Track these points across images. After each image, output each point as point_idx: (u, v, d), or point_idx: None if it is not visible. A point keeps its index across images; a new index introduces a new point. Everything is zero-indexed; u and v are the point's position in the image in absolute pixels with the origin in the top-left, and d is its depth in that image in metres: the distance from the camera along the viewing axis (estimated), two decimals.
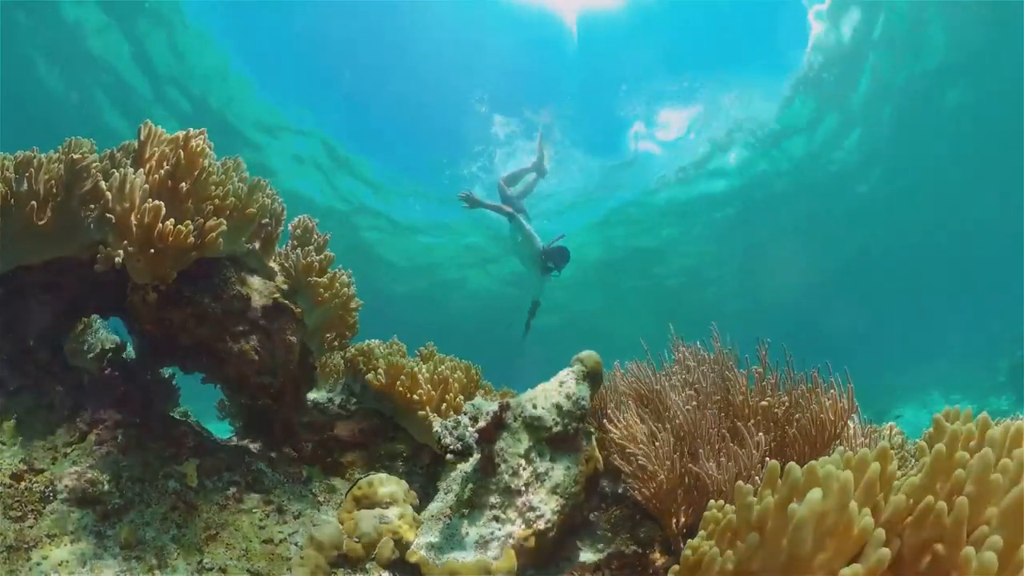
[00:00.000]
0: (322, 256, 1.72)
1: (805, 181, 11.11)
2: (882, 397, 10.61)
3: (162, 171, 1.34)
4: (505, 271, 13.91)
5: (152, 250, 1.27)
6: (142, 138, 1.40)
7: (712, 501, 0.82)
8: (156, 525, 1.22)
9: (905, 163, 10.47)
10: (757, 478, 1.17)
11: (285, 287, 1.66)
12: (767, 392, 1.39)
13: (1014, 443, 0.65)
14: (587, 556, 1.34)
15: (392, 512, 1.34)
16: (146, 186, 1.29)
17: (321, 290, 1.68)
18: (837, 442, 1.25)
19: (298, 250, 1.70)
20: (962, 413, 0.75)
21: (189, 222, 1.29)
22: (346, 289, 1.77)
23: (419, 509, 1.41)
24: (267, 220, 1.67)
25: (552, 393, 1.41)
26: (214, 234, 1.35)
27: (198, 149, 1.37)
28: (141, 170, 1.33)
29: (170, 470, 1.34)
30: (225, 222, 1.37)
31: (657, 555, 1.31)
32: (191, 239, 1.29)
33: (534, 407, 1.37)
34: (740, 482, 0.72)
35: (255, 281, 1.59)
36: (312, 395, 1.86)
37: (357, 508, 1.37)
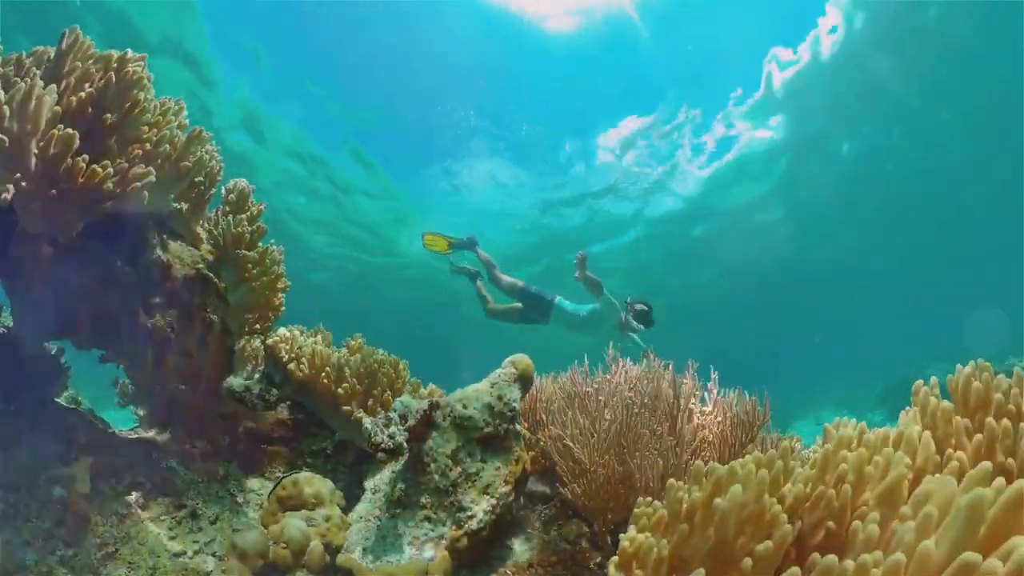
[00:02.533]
0: (255, 227, 1.60)
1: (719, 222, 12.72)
2: (785, 413, 12.67)
3: (83, 94, 1.12)
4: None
5: (55, 191, 1.08)
6: (63, 47, 1.18)
7: (641, 498, 0.92)
8: (38, 545, 1.06)
9: (802, 201, 12.28)
10: (682, 477, 1.34)
11: (210, 257, 1.53)
12: (692, 399, 1.56)
13: (882, 444, 0.85)
14: (520, 554, 1.41)
15: (319, 513, 1.32)
16: (58, 108, 1.08)
17: (249, 265, 1.57)
18: (751, 445, 1.45)
19: (230, 217, 1.56)
20: (849, 422, 0.96)
21: (109, 163, 1.11)
22: (276, 267, 1.66)
23: (346, 510, 1.40)
24: (201, 178, 1.52)
25: (483, 394, 1.45)
26: (139, 184, 1.17)
27: (134, 77, 1.19)
28: (54, 87, 1.10)
29: (55, 473, 1.16)
30: (154, 172, 1.21)
31: (587, 551, 1.41)
32: (109, 185, 1.11)
33: (464, 407, 1.40)
34: (672, 480, 0.85)
35: (178, 247, 1.45)
36: (230, 383, 1.75)
37: (282, 510, 1.32)
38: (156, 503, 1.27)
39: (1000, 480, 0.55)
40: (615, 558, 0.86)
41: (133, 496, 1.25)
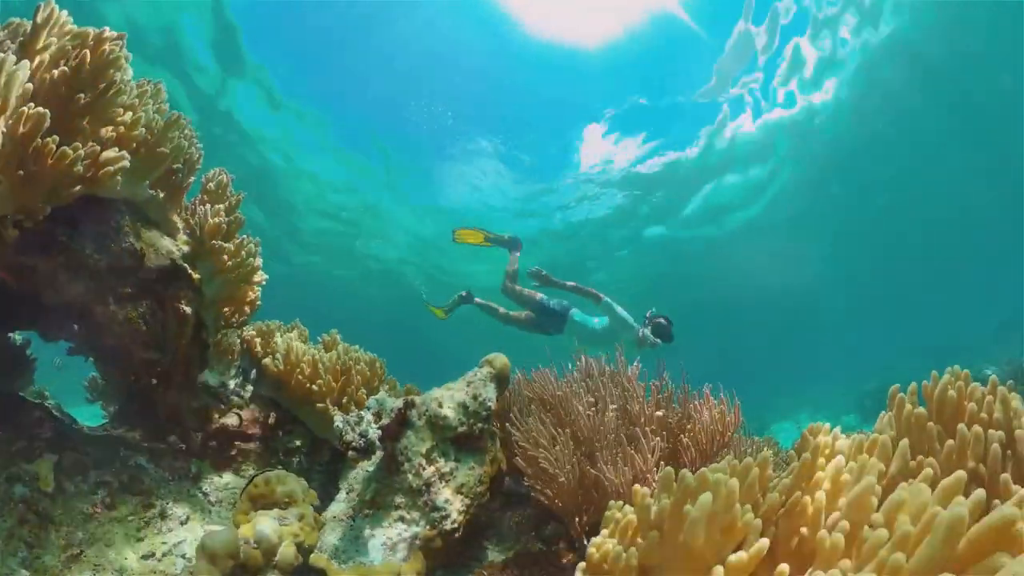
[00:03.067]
0: (232, 218, 1.57)
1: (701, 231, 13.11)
2: (764, 415, 13.06)
3: (57, 71, 1.08)
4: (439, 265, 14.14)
5: (22, 172, 1.03)
6: (38, 20, 1.13)
7: (612, 502, 0.93)
8: None
9: (785, 213, 12.69)
10: (652, 481, 1.32)
11: (186, 248, 1.49)
12: (662, 404, 1.58)
13: (857, 451, 0.88)
14: (494, 555, 1.41)
15: (292, 513, 1.29)
16: (30, 84, 1.03)
17: (225, 257, 1.54)
18: (725, 450, 1.46)
19: (207, 207, 1.53)
20: (825, 427, 0.98)
21: (80, 146, 1.07)
22: (252, 259, 1.62)
23: (320, 509, 1.38)
24: (179, 165, 1.48)
25: (458, 393, 1.44)
26: (111, 169, 1.13)
27: (111, 57, 1.14)
28: (27, 63, 1.05)
29: (18, 470, 1.12)
30: (128, 157, 1.17)
31: (562, 553, 1.41)
32: (78, 168, 1.07)
33: (440, 406, 1.39)
34: (637, 486, 0.85)
35: (153, 236, 1.41)
36: (204, 378, 1.71)
37: (254, 509, 1.29)
38: (123, 502, 1.23)
39: (978, 493, 0.55)
40: (582, 564, 0.86)
41: (99, 495, 1.21)
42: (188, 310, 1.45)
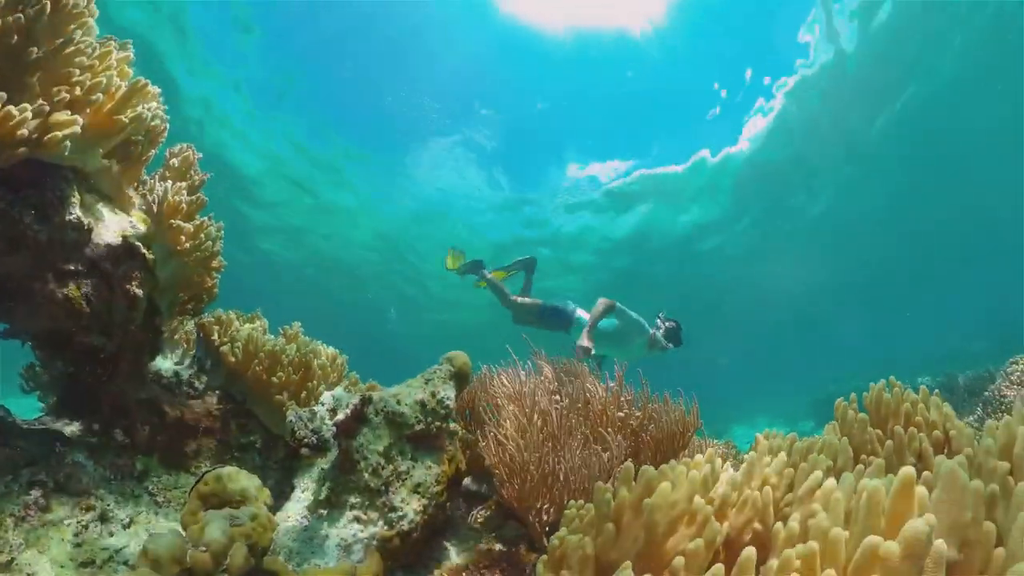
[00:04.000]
0: (195, 198, 1.50)
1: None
2: (725, 420, 13.73)
3: (11, 19, 1.01)
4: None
5: None
6: None
7: (572, 500, 0.96)
8: None
9: (743, 229, 13.44)
10: (613, 480, 1.39)
11: (141, 226, 1.41)
12: (623, 406, 1.62)
13: (808, 451, 0.95)
14: (454, 556, 1.40)
15: (245, 512, 1.24)
16: None
17: (183, 238, 1.47)
18: (684, 451, 1.51)
19: (168, 183, 1.45)
20: (777, 433, 1.06)
21: (28, 106, 1.00)
22: (211, 243, 1.57)
23: (275, 509, 1.34)
24: (140, 136, 1.40)
25: (417, 390, 1.43)
26: (61, 134, 1.06)
27: (74, 10, 1.08)
28: None
29: None
30: (81, 122, 1.10)
31: (523, 553, 1.42)
32: (23, 131, 1.00)
33: (397, 403, 1.38)
34: (600, 482, 0.88)
35: (103, 210, 1.33)
36: (155, 366, 1.62)
37: (204, 508, 1.23)
38: (60, 504, 1.15)
39: (905, 471, 0.63)
40: (543, 557, 0.88)
41: (32, 495, 1.13)
42: (140, 292, 1.38)
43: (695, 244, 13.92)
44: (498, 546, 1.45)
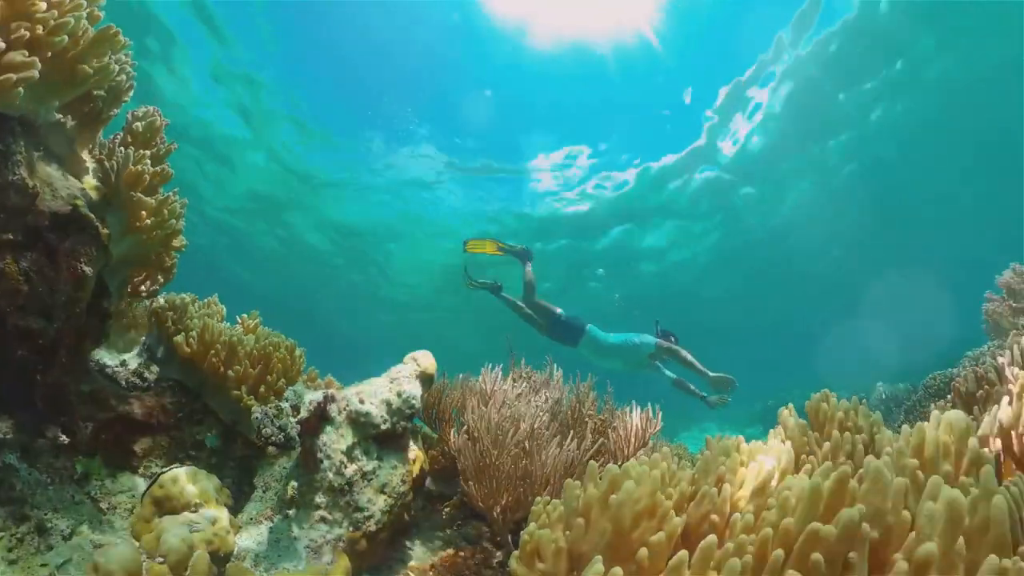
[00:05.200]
0: (159, 169, 1.40)
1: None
2: (674, 425, 14.45)
3: None
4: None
5: None
6: None
7: (539, 497, 1.01)
8: None
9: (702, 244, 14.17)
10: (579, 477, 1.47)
11: (95, 195, 1.31)
12: (589, 408, 1.72)
13: (756, 453, 1.06)
14: (420, 555, 1.43)
15: (204, 516, 1.19)
16: None
17: (143, 213, 1.37)
18: (644, 450, 1.61)
19: (130, 150, 1.34)
20: (725, 436, 1.18)
21: None
22: (174, 221, 1.48)
23: (235, 510, 1.31)
24: (102, 92, 1.28)
25: (382, 389, 1.43)
26: (15, 77, 0.96)
27: None
28: None
29: None
30: (39, 66, 0.99)
31: (489, 551, 1.47)
32: None
33: (361, 402, 1.38)
34: (568, 479, 0.94)
35: (53, 172, 1.20)
36: (100, 355, 1.51)
37: (159, 514, 1.17)
38: None
39: (826, 467, 0.74)
40: (516, 552, 0.93)
41: None
42: (88, 271, 1.28)
43: (648, 254, 14.58)
44: (462, 544, 1.49)
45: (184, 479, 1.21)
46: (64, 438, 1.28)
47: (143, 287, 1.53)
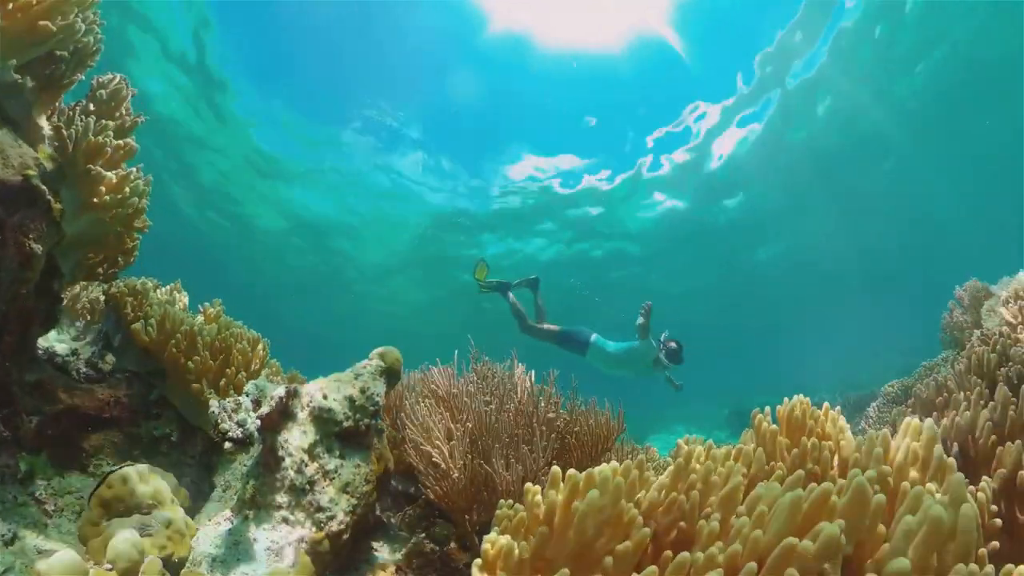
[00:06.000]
0: (123, 142, 1.33)
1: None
2: (644, 426, 14.74)
3: None
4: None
5: None
6: None
7: (502, 501, 0.99)
8: None
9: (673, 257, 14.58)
10: (543, 480, 1.40)
11: (49, 165, 1.23)
12: (552, 408, 1.68)
13: (725, 458, 1.06)
14: (385, 557, 1.40)
15: (157, 518, 1.13)
16: None
17: (103, 188, 1.30)
18: (609, 453, 1.61)
19: (91, 119, 1.25)
20: (697, 439, 1.19)
21: None
22: (136, 199, 1.40)
23: (192, 512, 1.25)
24: (64, 52, 1.20)
25: (345, 385, 1.40)
26: None
27: None
28: None
29: None
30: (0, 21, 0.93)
31: (455, 552, 1.45)
32: None
33: (324, 397, 1.34)
34: (528, 483, 0.92)
35: (4, 138, 1.13)
36: (49, 342, 1.42)
37: (107, 516, 1.10)
38: None
39: (812, 484, 0.74)
40: (478, 560, 0.91)
41: None
42: (37, 248, 1.21)
43: (619, 258, 14.96)
44: (429, 546, 1.46)
45: (135, 478, 1.14)
46: (6, 433, 1.20)
47: (100, 270, 1.45)
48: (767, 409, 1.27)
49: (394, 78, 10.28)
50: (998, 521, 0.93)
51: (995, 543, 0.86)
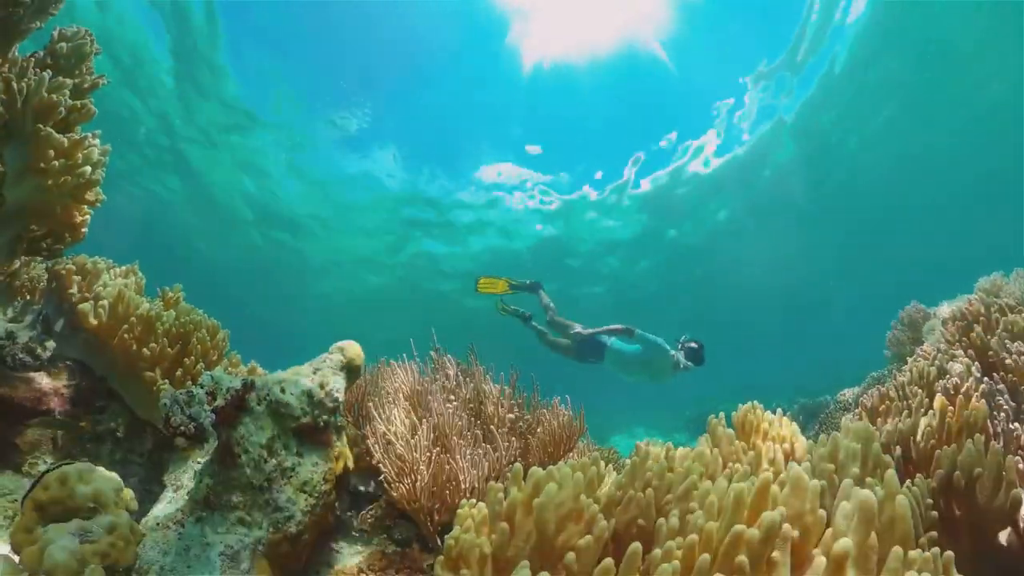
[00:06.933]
0: (80, 103, 1.22)
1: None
2: (605, 429, 15.05)
3: None
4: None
5: None
6: None
7: (464, 500, 0.99)
8: None
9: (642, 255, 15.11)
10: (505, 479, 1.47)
11: None
12: (514, 408, 1.71)
13: (683, 460, 1.10)
14: (346, 558, 1.37)
15: (100, 523, 1.04)
16: None
17: (52, 152, 1.18)
18: (570, 453, 1.63)
19: (45, 73, 1.14)
20: (656, 441, 1.23)
21: None
22: (89, 169, 1.28)
23: (139, 515, 1.18)
24: None
25: (304, 379, 1.36)
26: None
27: None
28: None
29: None
30: None
31: (417, 553, 1.43)
32: None
33: (282, 391, 1.30)
34: (492, 482, 0.96)
35: None
36: None
37: (43, 522, 1.00)
38: None
39: (752, 477, 0.80)
40: (440, 558, 0.91)
41: None
42: None
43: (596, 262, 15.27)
44: (391, 547, 1.44)
45: (74, 479, 1.04)
46: None
47: (44, 244, 1.33)
48: (721, 414, 1.32)
49: (369, 77, 10.20)
50: (935, 514, 1.01)
51: (933, 532, 0.95)
